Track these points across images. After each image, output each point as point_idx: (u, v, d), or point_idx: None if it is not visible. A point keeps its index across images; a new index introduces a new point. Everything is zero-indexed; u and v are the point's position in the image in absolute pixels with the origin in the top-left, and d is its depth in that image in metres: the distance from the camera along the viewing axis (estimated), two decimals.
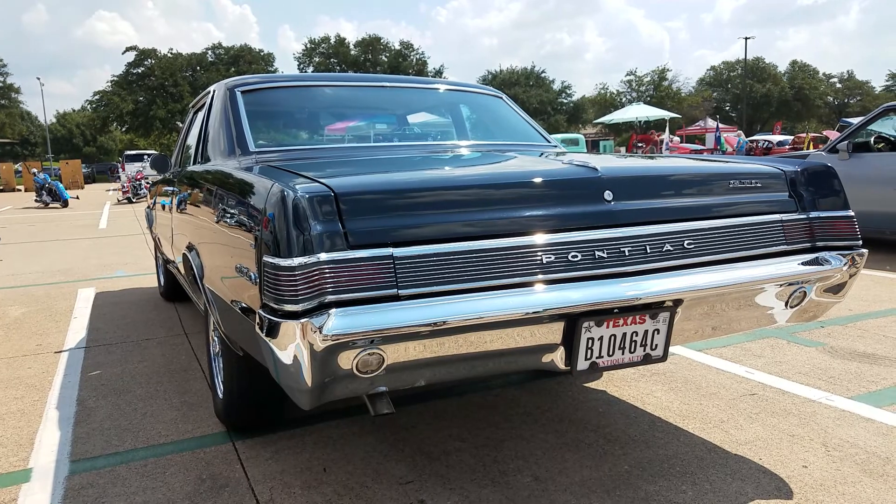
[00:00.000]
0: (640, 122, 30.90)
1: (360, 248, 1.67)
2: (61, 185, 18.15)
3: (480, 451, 2.44)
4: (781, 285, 2.13)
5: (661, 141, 23.69)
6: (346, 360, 1.64)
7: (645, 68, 70.10)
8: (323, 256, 1.63)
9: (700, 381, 3.13)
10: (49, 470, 2.39)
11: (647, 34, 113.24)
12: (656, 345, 2.02)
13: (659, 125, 31.33)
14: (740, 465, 2.30)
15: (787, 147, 20.74)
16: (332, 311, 1.60)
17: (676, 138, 25.86)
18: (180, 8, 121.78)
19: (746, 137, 27.01)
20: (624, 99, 51.06)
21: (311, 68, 50.52)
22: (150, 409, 2.95)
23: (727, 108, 55.38)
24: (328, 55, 51.20)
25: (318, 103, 3.46)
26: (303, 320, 1.59)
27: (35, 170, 22.01)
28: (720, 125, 25.69)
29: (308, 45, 52.22)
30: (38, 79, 60.19)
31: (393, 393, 1.86)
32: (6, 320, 4.71)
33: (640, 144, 25.49)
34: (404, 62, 51.16)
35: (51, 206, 17.47)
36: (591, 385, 3.10)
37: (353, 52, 51.34)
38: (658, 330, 1.99)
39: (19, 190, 27.33)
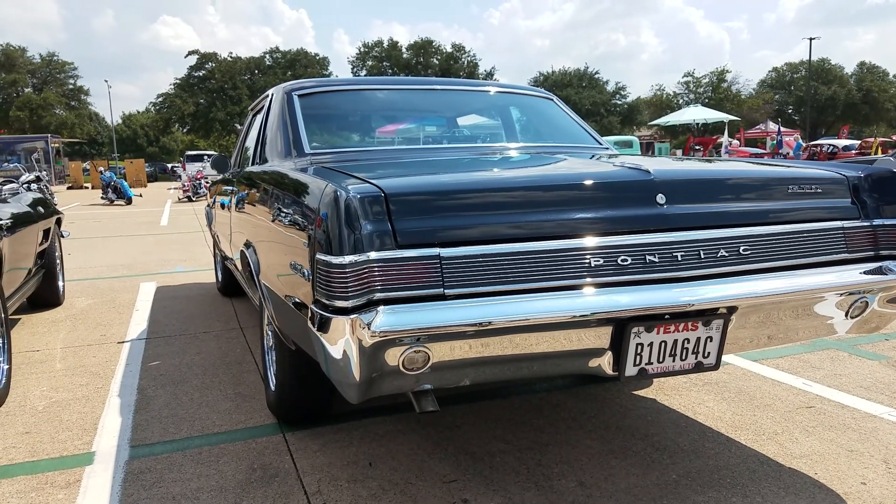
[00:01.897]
0: (697, 124, 30.21)
1: (408, 247, 1.69)
2: (126, 184, 18.87)
3: (524, 454, 2.43)
4: (842, 294, 2.06)
5: (720, 144, 23.11)
6: (393, 356, 1.67)
7: (703, 69, 68.42)
8: (373, 255, 1.66)
9: (754, 391, 3.05)
10: (111, 454, 2.50)
11: (706, 34, 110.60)
12: (709, 353, 1.98)
13: (717, 128, 30.58)
14: (794, 479, 2.23)
15: (853, 151, 19.96)
16: (381, 308, 1.64)
17: (736, 141, 25.15)
18: (240, 13, 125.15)
19: (810, 141, 26.07)
20: (681, 101, 49.92)
21: (364, 71, 51.15)
22: (206, 400, 3.05)
23: (790, 110, 53.59)
24: (381, 58, 51.74)
25: (370, 106, 3.51)
26: (352, 316, 1.63)
27: (102, 168, 22.94)
28: (782, 128, 24.90)
29: (361, 49, 52.91)
30: (106, 81, 62.64)
31: (438, 392, 1.88)
32: (73, 311, 4.94)
33: (697, 147, 24.93)
34: (455, 65, 51.28)
35: (116, 203, 18.17)
36: (640, 392, 3.06)
37: (405, 56, 51.74)
38: (711, 337, 1.96)
39: (87, 188, 28.53)
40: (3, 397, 3.04)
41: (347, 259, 1.66)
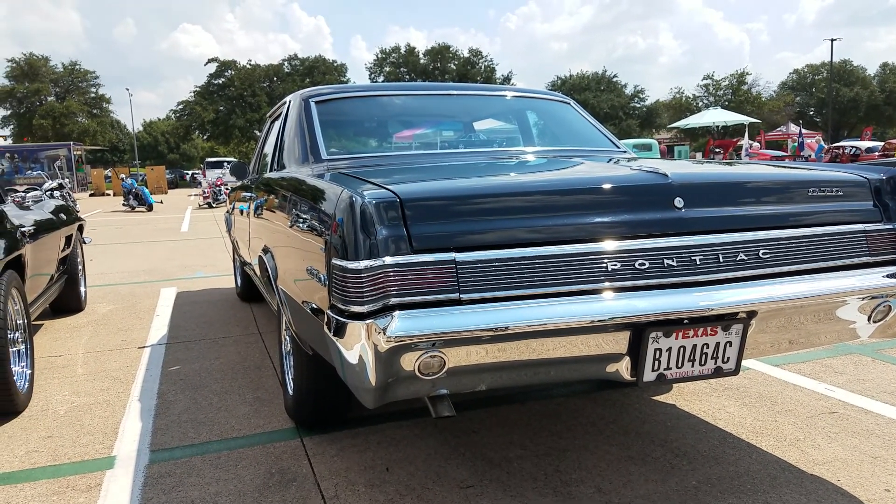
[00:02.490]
0: (717, 127, 29.95)
1: (423, 252, 1.70)
2: (147, 190, 19.08)
3: (542, 460, 2.42)
4: (864, 298, 2.03)
5: (740, 147, 22.89)
6: (409, 361, 1.67)
7: (723, 72, 67.86)
8: (388, 260, 1.67)
9: (776, 397, 3.01)
10: (131, 458, 2.53)
11: (725, 36, 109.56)
12: (728, 358, 1.95)
13: (738, 130, 30.27)
14: (816, 486, 2.20)
15: (876, 154, 19.66)
16: (396, 313, 1.64)
17: (756, 144, 24.89)
18: (259, 20, 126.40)
19: (833, 143, 25.73)
20: (700, 103, 49.53)
21: (381, 77, 51.41)
22: (225, 404, 3.07)
23: (811, 112, 52.93)
24: (398, 64, 51.98)
25: (386, 112, 3.53)
26: (368, 321, 1.64)
27: (123, 175, 23.26)
28: (804, 130, 24.60)
29: (379, 55, 53.21)
30: (127, 89, 63.56)
31: (454, 397, 1.87)
32: (95, 316, 5.00)
33: (717, 150, 24.70)
34: (472, 69, 51.35)
35: (137, 209, 18.39)
36: (660, 398, 3.03)
37: (422, 61, 51.93)
38: (730, 342, 1.93)
39: (108, 194, 28.92)
40: (25, 402, 3.08)
41: (363, 264, 1.67)
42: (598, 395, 3.07)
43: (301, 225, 2.22)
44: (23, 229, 3.55)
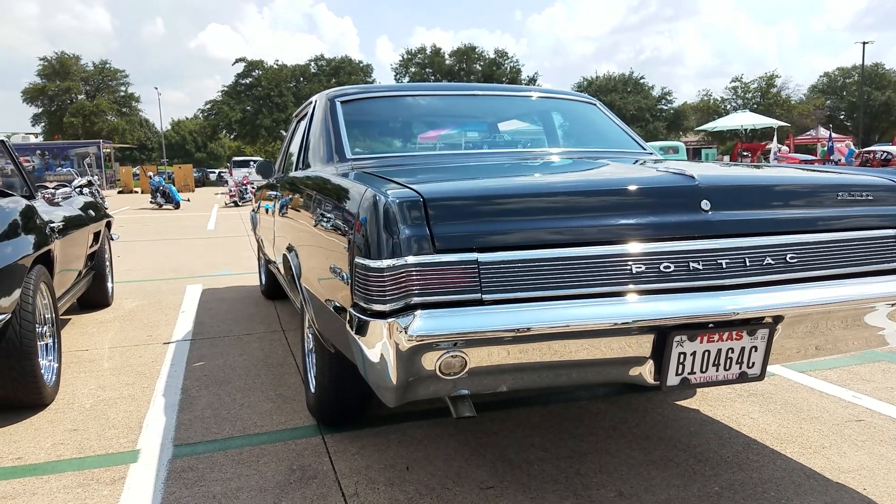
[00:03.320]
0: (745, 130, 29.56)
1: (446, 252, 1.70)
2: (174, 188, 19.36)
3: (563, 463, 2.41)
4: (893, 304, 1.99)
5: (769, 150, 22.56)
6: (430, 360, 1.67)
7: (751, 74, 66.93)
8: (410, 259, 1.67)
9: (801, 403, 2.96)
10: (154, 452, 2.56)
11: (754, 38, 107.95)
12: (753, 363, 1.93)
13: (766, 134, 29.85)
14: (842, 495, 2.15)
15: None
16: (418, 312, 1.64)
17: (785, 148, 24.52)
18: (286, 21, 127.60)
19: (863, 148, 25.24)
20: (728, 106, 48.90)
21: (406, 78, 51.58)
22: (248, 400, 3.10)
23: (841, 116, 51.98)
24: (423, 65, 52.11)
25: (411, 112, 3.54)
26: (389, 320, 1.64)
27: (151, 173, 23.59)
28: (833, 134, 24.18)
29: (405, 56, 53.39)
30: (156, 88, 64.71)
31: (475, 397, 1.87)
32: (121, 312, 5.09)
33: (745, 154, 24.38)
34: (498, 70, 51.30)
35: (164, 207, 18.67)
36: (683, 403, 2.99)
37: (447, 62, 52.00)
38: (756, 347, 1.91)
39: (136, 192, 29.39)
40: (53, 395, 3.14)
41: (386, 263, 1.67)
42: (620, 398, 3.05)
43: (325, 224, 2.23)
44: (52, 225, 3.62)
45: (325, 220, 2.24)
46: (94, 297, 5.06)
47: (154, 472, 2.40)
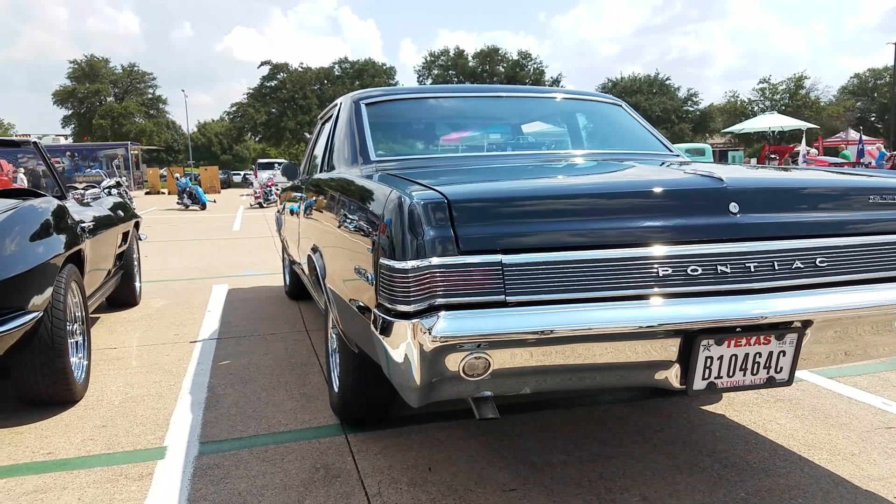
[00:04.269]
0: (773, 132, 29.11)
1: (470, 253, 1.70)
2: (200, 190, 19.60)
3: (586, 467, 2.39)
4: None
5: (797, 153, 22.19)
6: (453, 361, 1.67)
7: (779, 75, 65.93)
8: (434, 260, 1.68)
9: (830, 409, 2.91)
10: (181, 449, 2.60)
11: (783, 39, 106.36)
12: (781, 368, 1.90)
13: (795, 136, 29.38)
14: (871, 502, 2.11)
15: None
16: (442, 313, 1.65)
17: (814, 150, 24.10)
18: (311, 24, 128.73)
19: (894, 150, 24.73)
20: (756, 107, 48.23)
21: (429, 80, 51.67)
22: (272, 399, 3.13)
23: (872, 118, 50.97)
24: (447, 67, 52.14)
25: (435, 114, 3.55)
26: (414, 321, 1.65)
27: (178, 175, 23.94)
28: (864, 137, 23.71)
29: (428, 58, 53.48)
30: (183, 91, 65.47)
31: (499, 399, 1.87)
32: (149, 311, 5.16)
33: (772, 156, 24.00)
34: (521, 72, 51.16)
35: (190, 208, 18.90)
36: (709, 407, 2.96)
37: (471, 64, 51.99)
38: (784, 352, 1.88)
39: (163, 193, 29.79)
40: (82, 391, 3.20)
41: (410, 264, 1.68)
42: (644, 402, 3.02)
43: (349, 225, 2.25)
44: (83, 225, 3.69)
45: (349, 221, 2.26)
46: (123, 296, 5.15)
47: (181, 469, 2.43)
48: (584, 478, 2.31)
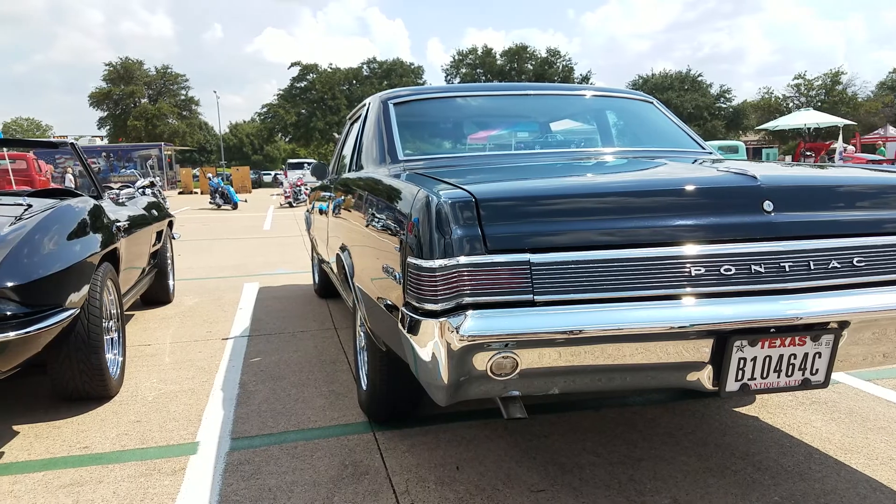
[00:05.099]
0: (808, 129, 28.50)
1: (498, 252, 1.69)
2: (232, 189, 19.86)
3: (616, 468, 2.37)
4: None
5: (833, 150, 21.69)
6: (481, 361, 1.67)
7: (815, 71, 64.48)
8: (462, 259, 1.67)
9: (867, 413, 2.84)
10: (213, 445, 2.64)
11: (820, 34, 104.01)
12: (817, 369, 1.86)
13: (831, 133, 28.73)
14: None
15: None
16: (469, 312, 1.65)
17: (851, 147, 23.52)
18: (340, 24, 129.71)
19: None
20: (791, 104, 47.24)
21: (457, 79, 51.65)
22: (302, 396, 3.16)
23: None
24: (474, 65, 52.08)
25: (463, 113, 3.55)
26: (441, 320, 1.65)
27: (210, 175, 24.29)
28: None
29: (456, 57, 53.49)
30: (215, 92, 66.38)
31: (527, 399, 1.86)
32: (182, 308, 5.25)
33: (808, 153, 23.51)
34: (550, 69, 50.86)
35: (222, 207, 19.17)
36: (741, 410, 2.91)
37: (499, 62, 51.84)
38: (819, 353, 1.84)
39: (196, 193, 30.27)
40: (117, 387, 3.27)
41: (438, 263, 1.68)
42: (676, 404, 2.98)
43: (377, 224, 2.26)
44: (118, 224, 3.76)
45: (377, 220, 2.27)
46: (157, 293, 5.24)
47: (212, 464, 2.47)
48: (614, 480, 2.29)
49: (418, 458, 2.48)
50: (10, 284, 2.51)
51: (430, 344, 1.69)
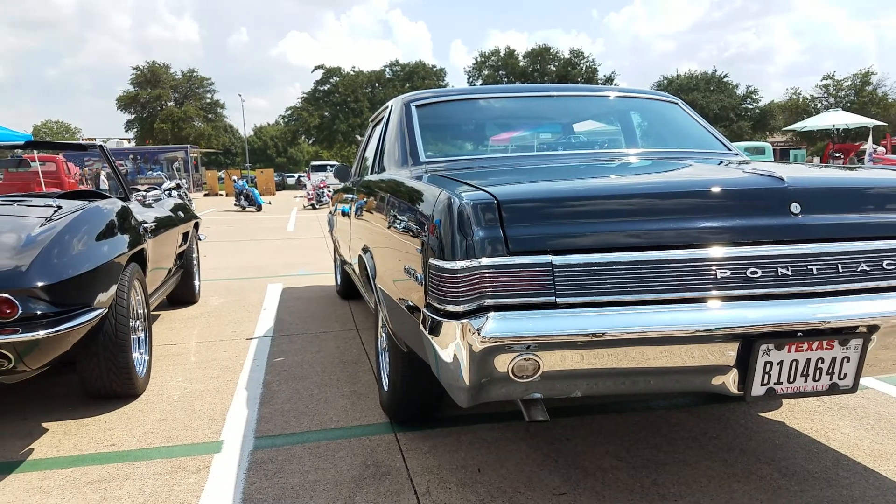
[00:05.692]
0: (837, 130, 28.00)
1: (519, 254, 1.69)
2: (256, 192, 20.08)
3: (639, 472, 2.35)
4: None
5: (863, 151, 21.29)
6: (503, 362, 1.66)
7: (845, 71, 63.39)
8: (484, 261, 1.67)
9: None
10: (237, 443, 2.66)
11: (848, 34, 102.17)
12: (845, 374, 1.83)
13: (861, 134, 28.20)
14: None
15: None
16: (491, 314, 1.64)
17: (881, 148, 23.06)
18: (362, 27, 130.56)
19: None
20: (819, 105, 46.46)
21: (480, 81, 51.63)
22: (324, 396, 3.18)
23: None
24: (497, 67, 52.03)
25: (485, 115, 3.54)
26: (463, 321, 1.65)
27: (235, 177, 24.58)
28: None
29: (478, 59, 53.48)
30: (240, 95, 67.23)
31: (549, 402, 1.85)
32: (207, 308, 5.32)
33: (837, 155, 23.11)
34: (573, 71, 50.62)
35: (247, 209, 19.37)
36: (767, 414, 2.86)
37: (521, 63, 51.72)
38: (848, 358, 1.80)
39: (221, 195, 30.64)
40: (143, 386, 3.32)
41: (459, 264, 1.68)
42: (700, 408, 2.95)
43: (399, 225, 2.26)
44: (145, 225, 3.82)
45: (399, 222, 2.28)
46: (183, 294, 5.31)
47: (236, 463, 2.49)
48: (637, 484, 2.27)
49: (440, 459, 2.48)
50: (40, 284, 2.56)
51: (452, 345, 1.69)
